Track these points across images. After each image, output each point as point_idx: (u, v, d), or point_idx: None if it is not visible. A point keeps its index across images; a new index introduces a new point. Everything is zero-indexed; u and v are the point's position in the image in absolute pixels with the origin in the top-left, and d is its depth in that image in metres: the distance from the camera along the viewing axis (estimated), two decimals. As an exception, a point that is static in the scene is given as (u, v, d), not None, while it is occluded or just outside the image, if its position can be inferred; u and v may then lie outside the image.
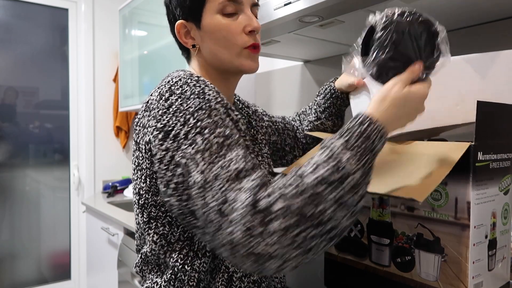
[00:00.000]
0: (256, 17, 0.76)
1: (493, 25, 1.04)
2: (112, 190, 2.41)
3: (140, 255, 0.72)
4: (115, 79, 2.76)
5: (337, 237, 0.53)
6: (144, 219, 0.67)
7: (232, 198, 0.52)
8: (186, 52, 0.80)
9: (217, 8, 0.71)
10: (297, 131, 1.02)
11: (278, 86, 1.83)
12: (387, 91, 0.59)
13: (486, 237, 0.64)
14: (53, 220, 2.70)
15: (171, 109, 0.61)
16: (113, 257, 1.81)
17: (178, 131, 0.59)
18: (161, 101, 0.62)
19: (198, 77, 0.65)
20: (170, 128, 0.59)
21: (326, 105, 0.95)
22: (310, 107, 1.01)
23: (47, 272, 2.68)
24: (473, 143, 0.60)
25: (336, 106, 0.95)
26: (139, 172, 0.67)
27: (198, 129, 0.58)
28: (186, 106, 0.60)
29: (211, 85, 0.64)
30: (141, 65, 2.20)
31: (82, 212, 2.71)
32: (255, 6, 0.76)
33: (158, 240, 0.66)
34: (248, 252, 0.49)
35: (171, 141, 0.59)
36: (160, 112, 0.62)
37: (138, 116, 0.69)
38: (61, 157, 2.74)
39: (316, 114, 0.97)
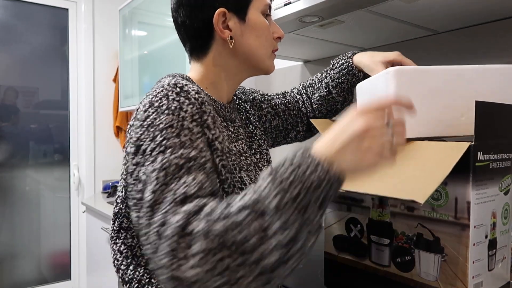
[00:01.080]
0: None
1: (493, 25, 1.04)
2: (112, 190, 2.41)
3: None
4: (115, 79, 2.76)
5: (267, 277, 0.47)
6: (115, 227, 0.68)
7: (170, 220, 0.50)
8: (203, 47, 0.75)
9: (262, 8, 0.74)
10: (303, 106, 1.00)
11: (278, 86, 1.83)
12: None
13: (486, 237, 0.64)
14: (53, 220, 2.70)
15: (145, 123, 0.60)
16: (113, 257, 1.81)
17: (146, 146, 0.58)
18: (141, 112, 0.62)
19: (182, 87, 0.62)
20: (141, 143, 0.59)
21: (340, 80, 0.92)
22: (320, 80, 0.97)
23: (47, 272, 2.68)
24: (473, 143, 0.60)
25: (350, 83, 0.91)
26: (121, 180, 0.69)
27: (162, 148, 0.56)
28: (158, 121, 0.58)
29: (196, 96, 0.62)
30: (141, 65, 2.20)
31: (82, 212, 2.71)
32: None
33: (124, 251, 0.67)
34: (171, 275, 0.47)
35: (140, 156, 0.58)
36: (138, 124, 0.61)
37: (130, 123, 0.68)
38: (61, 157, 2.73)
39: (328, 89, 0.94)
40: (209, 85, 0.76)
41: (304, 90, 1.01)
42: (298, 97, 1.01)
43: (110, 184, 2.52)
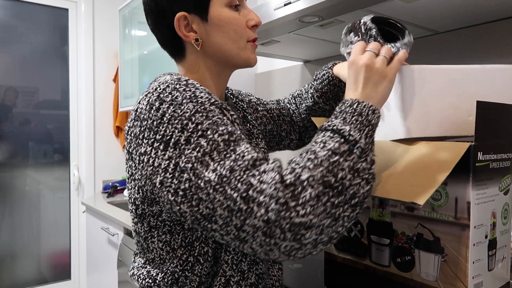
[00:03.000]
0: None
1: (493, 25, 1.04)
2: (112, 190, 2.41)
3: (141, 261, 0.72)
4: (115, 79, 2.76)
5: (358, 206, 0.55)
6: (145, 228, 0.67)
7: (256, 181, 0.52)
8: (179, 51, 0.75)
9: (224, 1, 0.71)
10: (293, 115, 1.00)
11: (278, 86, 1.83)
12: (352, 65, 0.65)
13: (486, 237, 0.64)
14: (53, 220, 2.70)
15: (165, 118, 0.59)
16: (113, 257, 1.81)
17: (177, 138, 0.57)
18: (152, 111, 0.60)
19: (186, 80, 0.63)
20: (169, 137, 0.58)
21: (324, 90, 0.91)
22: (307, 91, 0.97)
23: (47, 272, 2.68)
24: (473, 143, 0.60)
25: (333, 92, 0.91)
26: (132, 182, 0.66)
27: (200, 132, 0.57)
28: (181, 112, 0.58)
29: (202, 87, 0.63)
30: (141, 65, 2.20)
31: (82, 212, 2.71)
32: None
33: (164, 246, 0.66)
34: (287, 225, 0.50)
35: (172, 149, 0.57)
36: (155, 123, 0.59)
37: (128, 125, 0.67)
38: (61, 157, 2.73)
39: (313, 99, 0.94)
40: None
41: (293, 100, 1.02)
42: (288, 106, 1.02)
43: (110, 184, 2.52)
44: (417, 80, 0.68)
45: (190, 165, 0.56)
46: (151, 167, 0.60)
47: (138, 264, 0.72)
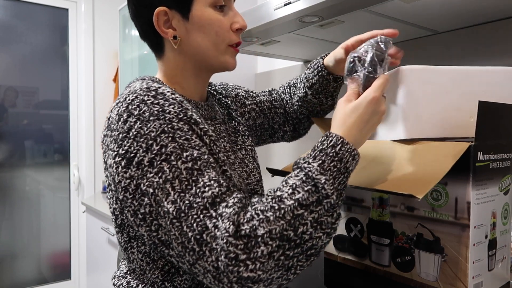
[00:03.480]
0: None
1: (493, 25, 1.04)
2: (112, 190, 2.40)
3: (123, 269, 0.70)
4: (115, 79, 2.76)
5: (314, 255, 0.55)
6: (125, 238, 0.65)
7: (212, 226, 0.51)
8: (157, 46, 0.72)
9: (208, 1, 0.67)
10: (287, 105, 0.94)
11: (278, 86, 1.83)
12: (343, 108, 0.61)
13: (486, 237, 0.64)
14: (53, 220, 2.70)
15: (131, 133, 0.57)
16: (113, 257, 1.81)
17: (141, 158, 0.55)
18: (120, 122, 0.58)
19: (156, 90, 0.60)
20: (132, 155, 0.56)
21: (313, 81, 0.85)
22: (301, 80, 0.90)
23: (47, 272, 2.68)
24: (473, 143, 0.60)
25: (322, 85, 0.85)
26: (110, 192, 0.65)
27: (163, 156, 0.55)
28: (147, 130, 0.56)
29: (172, 96, 0.60)
30: (141, 65, 2.20)
31: (82, 212, 2.71)
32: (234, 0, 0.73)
33: (143, 257, 0.64)
34: (234, 278, 0.50)
35: (134, 169, 0.56)
36: (121, 136, 0.58)
37: (103, 133, 0.65)
38: (61, 157, 2.73)
39: (304, 90, 0.88)
40: (176, 86, 0.72)
41: (288, 89, 0.95)
42: (283, 96, 0.96)
43: (110, 184, 2.51)
44: (418, 80, 0.68)
45: (151, 190, 0.55)
46: (113, 182, 0.60)
47: (120, 273, 0.71)
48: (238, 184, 0.65)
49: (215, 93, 0.85)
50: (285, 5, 1.00)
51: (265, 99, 0.94)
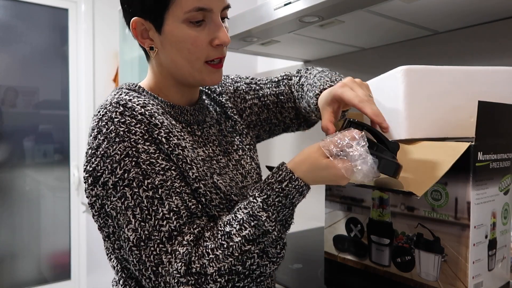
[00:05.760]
0: (227, 17, 0.69)
1: (493, 25, 1.04)
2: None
3: (115, 277, 0.72)
4: (115, 79, 2.76)
5: (264, 279, 0.59)
6: (109, 246, 0.65)
7: (167, 261, 0.55)
8: (145, 51, 0.70)
9: (182, 17, 0.62)
10: (297, 101, 0.85)
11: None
12: (310, 154, 0.58)
13: (486, 237, 0.64)
14: (53, 220, 2.70)
15: (98, 152, 0.58)
16: (113, 257, 1.81)
17: (106, 179, 0.57)
18: (91, 137, 0.60)
19: (125, 105, 0.59)
20: (99, 174, 0.57)
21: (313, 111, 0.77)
22: (307, 93, 0.79)
23: (47, 272, 2.68)
24: (473, 143, 0.60)
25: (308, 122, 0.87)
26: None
27: (126, 182, 0.56)
28: (112, 152, 0.57)
29: (141, 111, 0.59)
30: (141, 65, 2.20)
31: (82, 212, 2.70)
32: (226, 8, 0.67)
33: (117, 265, 0.67)
34: None
35: (100, 188, 0.58)
36: (90, 151, 0.59)
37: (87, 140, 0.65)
38: (61, 157, 2.73)
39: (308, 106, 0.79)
40: (160, 92, 0.70)
41: (299, 88, 0.84)
42: (293, 89, 0.86)
43: (110, 184, 2.51)
44: (419, 80, 0.68)
45: (114, 213, 0.58)
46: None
47: (113, 280, 0.73)
48: (226, 190, 0.65)
49: (209, 92, 0.82)
50: (285, 5, 1.00)
51: (269, 92, 0.86)
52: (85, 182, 0.60)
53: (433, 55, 1.18)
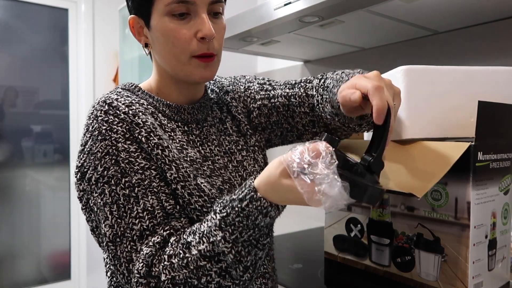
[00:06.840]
0: (222, 13, 0.67)
1: (493, 25, 1.04)
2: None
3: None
4: (115, 79, 2.76)
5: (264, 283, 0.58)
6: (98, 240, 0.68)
7: (135, 259, 0.56)
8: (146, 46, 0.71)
9: (163, 10, 0.62)
10: (318, 106, 0.74)
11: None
12: (270, 171, 0.50)
13: (486, 237, 0.64)
14: (53, 220, 2.70)
15: (85, 149, 0.61)
16: (113, 257, 1.81)
17: (91, 175, 0.60)
18: (82, 134, 0.63)
19: (110, 103, 0.61)
20: (85, 170, 0.61)
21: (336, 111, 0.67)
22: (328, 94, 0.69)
23: (47, 272, 2.68)
24: (473, 143, 0.60)
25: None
26: None
27: (105, 179, 0.58)
28: (95, 149, 0.59)
29: (125, 110, 0.60)
30: (141, 65, 2.20)
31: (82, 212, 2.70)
32: (216, 3, 0.64)
33: (107, 258, 0.67)
34: None
35: (86, 183, 0.61)
36: (80, 148, 0.63)
37: None
38: (61, 157, 2.73)
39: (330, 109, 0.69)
40: (160, 91, 0.71)
41: (322, 90, 0.73)
42: (314, 93, 0.75)
43: (110, 184, 2.51)
44: (419, 80, 0.68)
45: (95, 208, 0.60)
46: None
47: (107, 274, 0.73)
48: (211, 193, 0.63)
49: (216, 89, 0.80)
50: (285, 5, 1.00)
51: (280, 93, 0.77)
52: (75, 177, 0.63)
53: (433, 55, 1.18)
